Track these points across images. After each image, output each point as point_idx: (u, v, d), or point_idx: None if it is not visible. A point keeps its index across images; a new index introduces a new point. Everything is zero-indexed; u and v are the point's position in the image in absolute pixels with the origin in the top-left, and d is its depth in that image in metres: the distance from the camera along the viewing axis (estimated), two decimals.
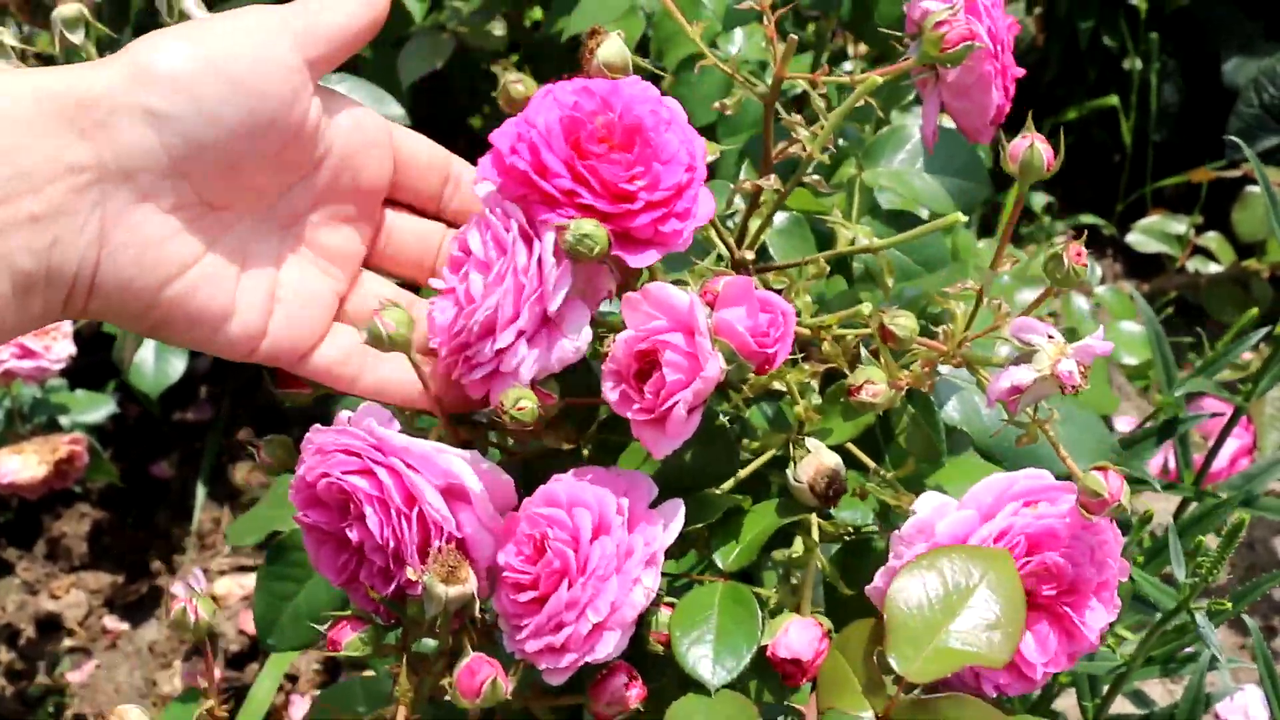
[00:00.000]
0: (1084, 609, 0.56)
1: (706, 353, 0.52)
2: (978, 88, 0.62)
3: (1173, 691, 1.48)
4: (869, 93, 0.58)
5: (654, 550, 0.54)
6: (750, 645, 0.55)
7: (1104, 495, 0.53)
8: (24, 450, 1.38)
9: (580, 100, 0.54)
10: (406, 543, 0.54)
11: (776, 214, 0.73)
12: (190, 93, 0.50)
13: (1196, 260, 1.78)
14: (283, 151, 0.54)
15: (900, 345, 0.57)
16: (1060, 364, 0.52)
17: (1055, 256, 0.56)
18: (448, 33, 1.50)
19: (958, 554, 0.52)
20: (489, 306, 0.53)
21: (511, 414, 0.53)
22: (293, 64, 0.53)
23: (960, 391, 0.68)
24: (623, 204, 0.53)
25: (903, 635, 0.50)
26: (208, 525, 1.69)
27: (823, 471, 0.56)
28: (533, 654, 0.54)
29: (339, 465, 0.54)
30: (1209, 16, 1.93)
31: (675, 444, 0.53)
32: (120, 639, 1.58)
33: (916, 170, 0.91)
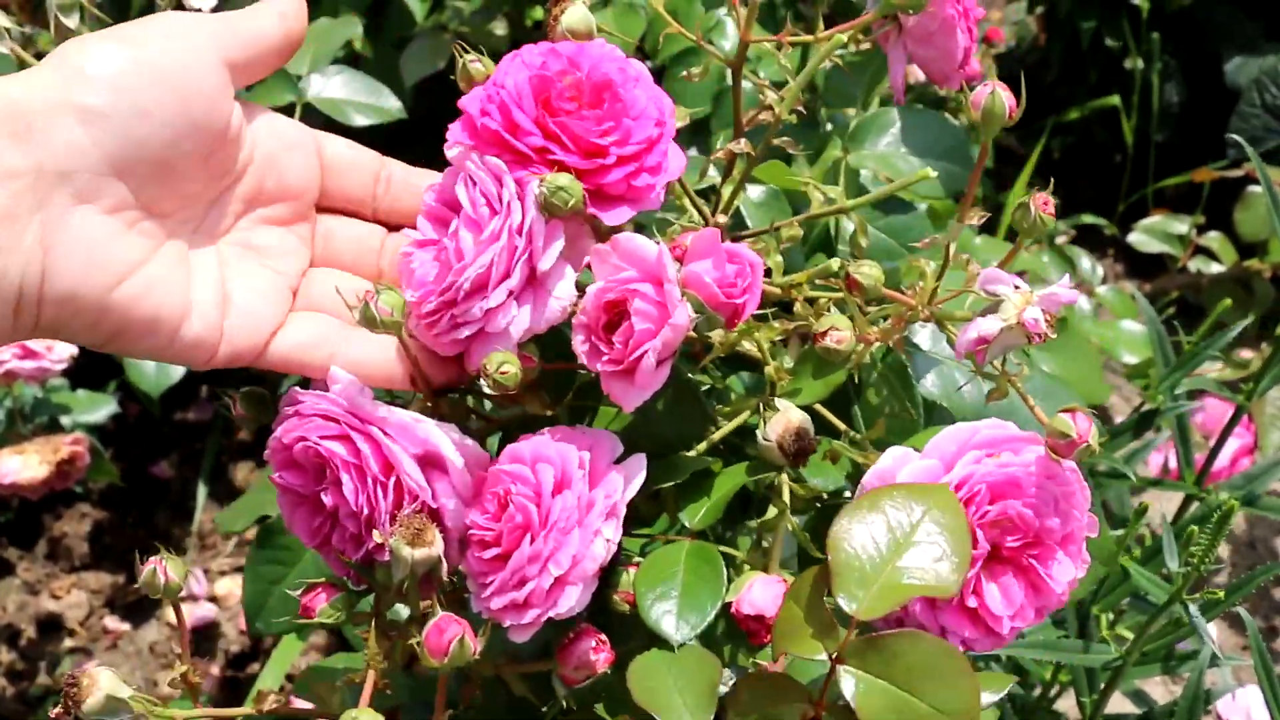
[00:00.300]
0: (1050, 561, 0.55)
1: (675, 300, 0.51)
2: (941, 32, 0.62)
3: (1174, 691, 1.48)
4: (836, 52, 0.58)
5: (615, 502, 0.54)
6: (714, 601, 0.55)
7: (1072, 436, 0.52)
8: (25, 450, 1.38)
9: (548, 60, 0.55)
10: (381, 510, 0.54)
11: (754, 188, 0.73)
12: (121, 91, 0.50)
13: (1198, 260, 1.77)
14: (211, 155, 0.54)
15: (866, 295, 0.57)
16: (1026, 312, 0.52)
17: (1023, 205, 0.56)
18: (449, 33, 1.50)
19: (899, 492, 0.52)
20: (482, 264, 0.52)
21: (495, 377, 0.52)
22: (216, 65, 0.53)
23: (939, 366, 0.68)
24: (595, 159, 0.53)
25: (849, 576, 0.49)
26: (208, 525, 1.69)
27: (790, 429, 0.56)
28: (497, 611, 0.53)
29: (317, 430, 0.54)
30: (1210, 17, 1.93)
31: (645, 395, 0.53)
32: (121, 639, 1.58)
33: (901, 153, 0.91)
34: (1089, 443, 0.52)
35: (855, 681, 0.49)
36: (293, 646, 1.39)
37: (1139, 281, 1.95)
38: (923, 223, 0.85)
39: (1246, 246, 1.76)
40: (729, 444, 0.62)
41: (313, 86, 1.10)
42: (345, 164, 0.60)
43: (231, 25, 0.55)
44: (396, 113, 1.11)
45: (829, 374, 0.59)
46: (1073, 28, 1.96)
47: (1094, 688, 0.94)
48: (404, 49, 1.51)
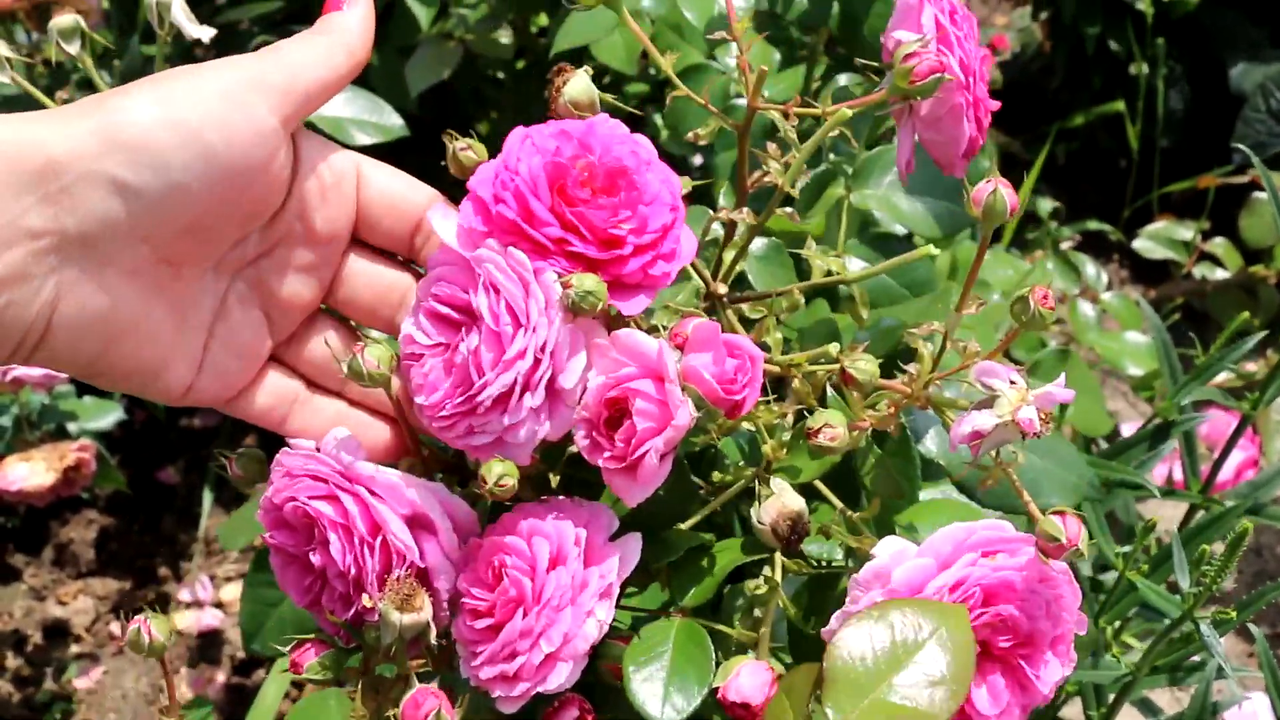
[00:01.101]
0: (1039, 663, 0.55)
1: (677, 400, 0.51)
2: (949, 119, 0.62)
3: (1180, 699, 1.48)
4: (839, 124, 0.58)
5: (609, 583, 0.54)
6: (701, 686, 0.55)
7: (1061, 540, 0.53)
8: (32, 458, 1.38)
9: (560, 145, 0.54)
10: (368, 571, 0.54)
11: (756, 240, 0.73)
12: (159, 165, 0.48)
13: (1203, 266, 1.77)
14: (250, 211, 0.53)
15: (861, 389, 0.57)
16: (1021, 411, 0.52)
17: (1021, 300, 0.55)
18: (455, 41, 1.50)
19: (910, 607, 0.52)
20: (504, 384, 0.52)
21: (493, 490, 0.52)
22: (268, 129, 0.51)
23: (938, 425, 0.68)
24: (612, 250, 0.53)
25: (841, 686, 0.49)
26: (214, 531, 1.69)
27: (785, 515, 0.56)
28: (486, 681, 0.54)
29: (305, 490, 0.55)
30: (1215, 22, 1.93)
31: (648, 491, 0.53)
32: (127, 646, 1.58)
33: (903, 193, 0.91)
34: (1078, 546, 0.52)
35: None
36: None
37: (1143, 287, 1.95)
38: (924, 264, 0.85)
39: (1252, 253, 1.76)
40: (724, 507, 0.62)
41: None
42: (384, 206, 0.57)
43: (290, 74, 0.52)
44: (399, 131, 1.11)
45: (824, 457, 0.59)
46: (1077, 34, 1.96)
47: (1102, 701, 0.94)
48: (409, 57, 1.51)
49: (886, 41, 0.62)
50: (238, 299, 0.55)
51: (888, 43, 0.62)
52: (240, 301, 0.56)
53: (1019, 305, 0.55)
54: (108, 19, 1.69)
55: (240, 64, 0.51)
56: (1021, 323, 0.55)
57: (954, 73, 0.59)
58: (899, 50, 0.58)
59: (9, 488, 1.35)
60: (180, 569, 1.66)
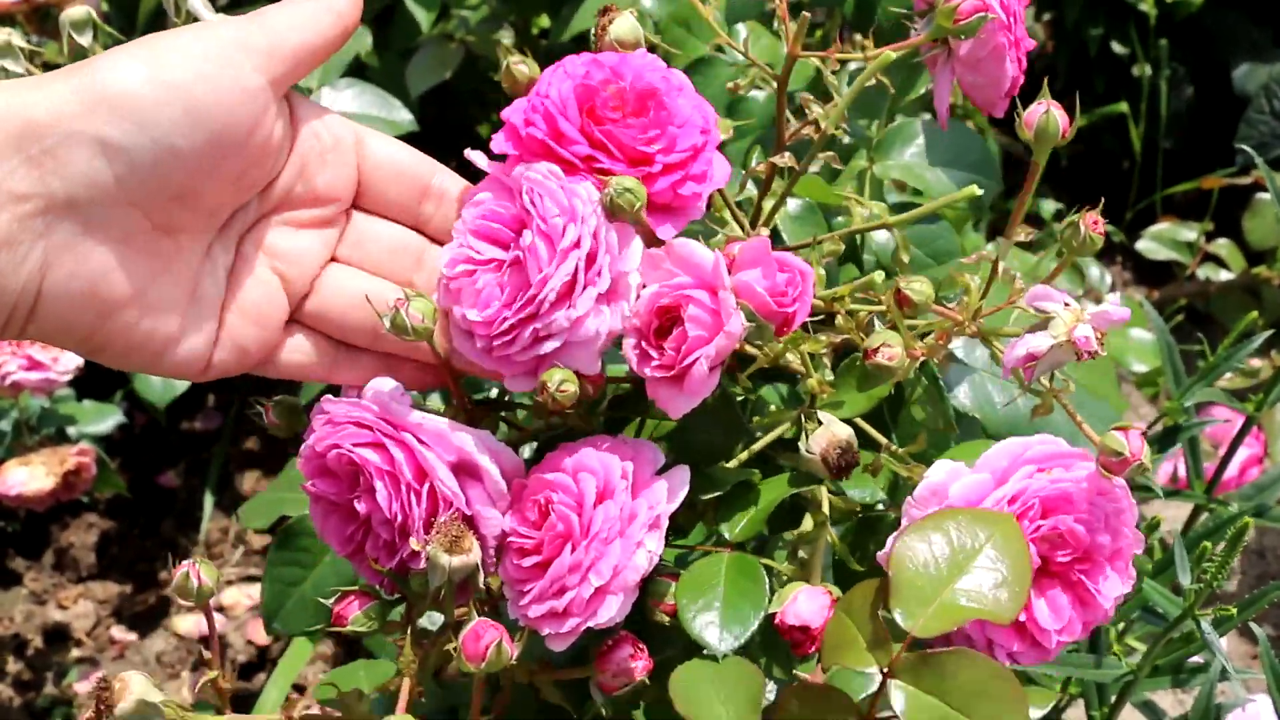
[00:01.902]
0: (1099, 577, 0.55)
1: (730, 309, 0.51)
2: (991, 60, 0.62)
3: (1184, 702, 1.47)
4: (882, 69, 0.58)
5: (658, 514, 0.54)
6: (757, 612, 0.55)
7: (1125, 454, 0.52)
8: (31, 462, 1.38)
9: (591, 70, 0.55)
10: (414, 518, 0.53)
11: (791, 201, 0.73)
12: (145, 122, 0.47)
13: (1207, 267, 1.77)
14: (243, 175, 0.52)
15: (916, 311, 0.57)
16: (1077, 329, 0.52)
17: (1073, 224, 0.56)
18: (456, 42, 1.50)
19: (963, 515, 0.52)
20: (566, 272, 0.51)
21: (555, 394, 0.52)
22: (255, 87, 0.50)
23: (971, 376, 0.68)
24: (641, 167, 0.53)
25: (908, 593, 0.50)
26: (215, 535, 1.68)
27: (835, 442, 0.56)
28: (535, 619, 0.53)
29: (350, 437, 0.54)
30: (1218, 24, 1.92)
31: (694, 402, 0.53)
32: (128, 649, 1.58)
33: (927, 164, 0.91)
34: (1142, 460, 0.52)
35: (906, 697, 0.49)
36: (299, 657, 1.38)
37: (1147, 288, 1.94)
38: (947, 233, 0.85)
39: (1255, 254, 1.76)
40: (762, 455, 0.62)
41: (323, 100, 1.09)
42: (388, 173, 0.57)
43: (277, 37, 0.51)
44: (408, 125, 1.11)
45: (873, 387, 0.58)
46: (1080, 35, 1.96)
47: (1104, 701, 0.93)
48: (410, 59, 1.51)
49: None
50: (247, 266, 0.54)
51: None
52: (250, 269, 0.55)
53: (1070, 230, 0.56)
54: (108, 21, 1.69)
55: (226, 25, 0.50)
56: (1072, 248, 0.56)
57: (996, 12, 0.59)
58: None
59: (8, 493, 1.35)
60: None
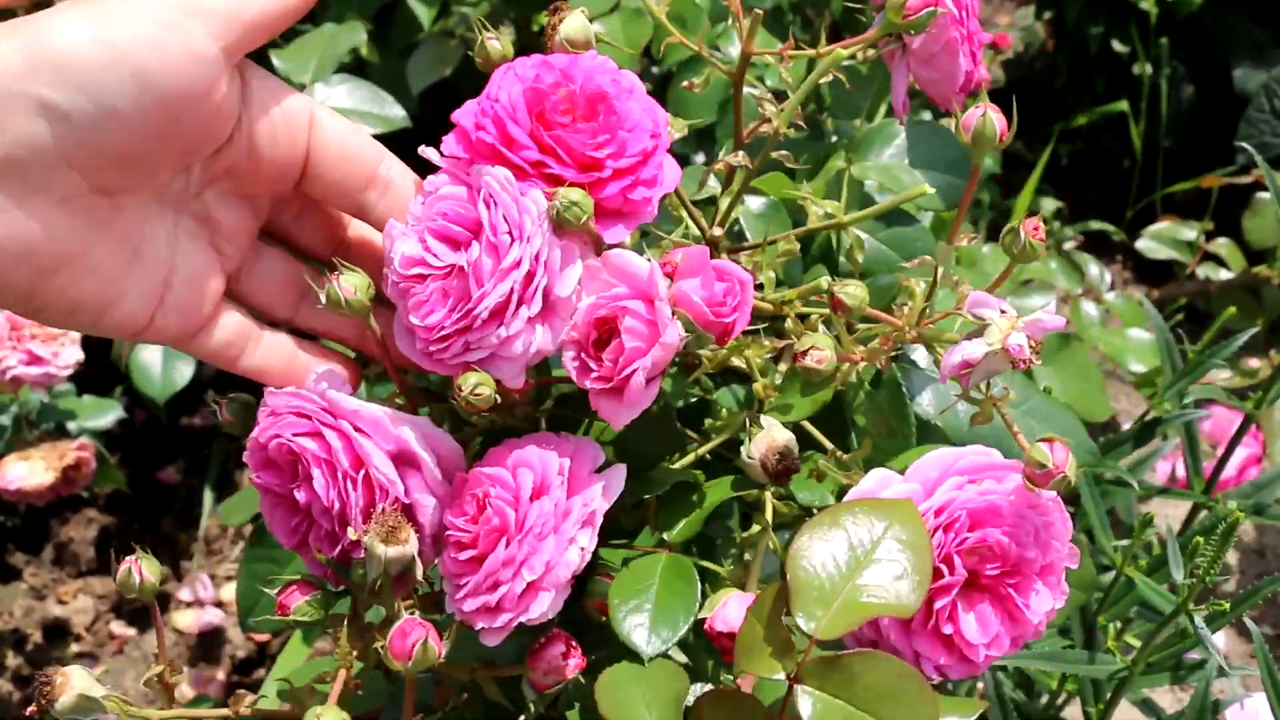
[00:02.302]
0: (1028, 591, 0.55)
1: (666, 319, 0.51)
2: (944, 54, 0.62)
3: (1182, 700, 1.48)
4: (837, 66, 0.58)
5: (591, 510, 0.54)
6: (687, 616, 0.54)
7: (1049, 466, 0.52)
8: (31, 457, 1.38)
9: (541, 73, 0.54)
10: (352, 505, 0.54)
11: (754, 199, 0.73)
12: (88, 85, 0.46)
13: (1207, 267, 1.77)
14: (188, 141, 0.50)
15: (850, 315, 0.57)
16: (1010, 337, 0.51)
17: (1012, 230, 0.55)
18: (456, 39, 1.50)
19: (860, 508, 0.51)
20: (501, 293, 0.52)
21: (468, 398, 0.52)
22: (206, 54, 0.48)
23: (934, 384, 0.68)
24: (591, 172, 0.53)
25: (807, 594, 0.49)
26: (214, 531, 1.69)
27: (774, 448, 0.55)
28: (470, 614, 0.53)
29: (290, 427, 0.54)
30: (1219, 23, 1.92)
31: (634, 413, 0.53)
32: (127, 645, 1.58)
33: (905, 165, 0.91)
34: (1065, 474, 0.52)
35: (813, 702, 0.48)
36: (298, 653, 1.39)
37: (1147, 287, 1.94)
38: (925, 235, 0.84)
39: (1255, 253, 1.76)
40: (719, 456, 0.61)
41: (317, 95, 1.09)
42: (335, 154, 0.55)
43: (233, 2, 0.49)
44: (401, 122, 1.11)
45: (815, 392, 0.58)
46: (1080, 34, 1.96)
47: (1100, 697, 0.93)
48: (410, 56, 1.51)
49: None
50: (187, 234, 0.54)
51: None
52: (191, 236, 0.54)
53: (1010, 237, 0.55)
54: None
55: None
56: (1014, 255, 0.55)
57: (946, 6, 0.59)
58: None
59: (8, 487, 1.35)
60: (181, 568, 1.66)
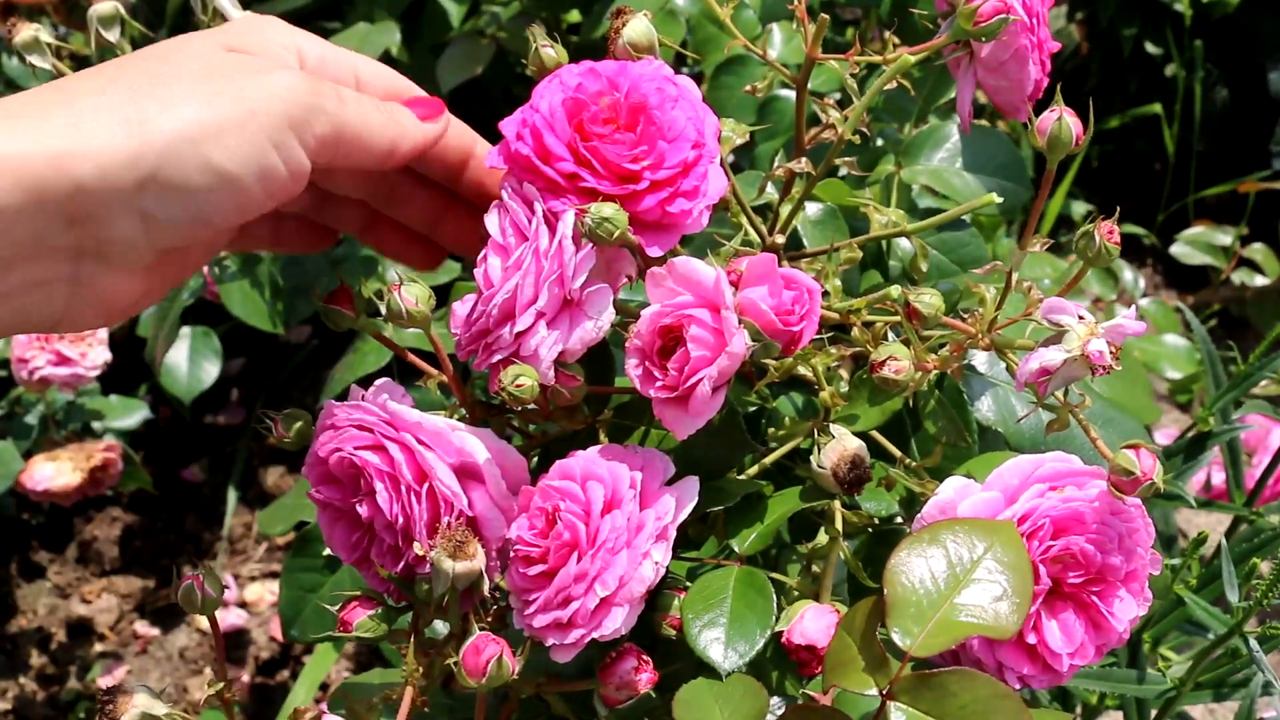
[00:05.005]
0: (1112, 599, 0.54)
1: (732, 328, 0.50)
2: (1013, 63, 0.61)
3: (1214, 711, 1.46)
4: (902, 72, 0.57)
5: (665, 525, 0.52)
6: (764, 629, 0.53)
7: (1136, 473, 0.51)
8: (58, 457, 1.38)
9: (584, 82, 0.53)
10: (416, 519, 0.53)
11: (811, 206, 0.72)
12: (190, 205, 0.46)
13: (1241, 272, 1.75)
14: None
15: (925, 324, 0.56)
16: (1090, 344, 0.50)
17: (1086, 234, 0.54)
18: (486, 38, 1.49)
19: (961, 527, 0.50)
20: (507, 290, 0.51)
21: (509, 390, 0.51)
22: (302, 171, 0.49)
23: (995, 389, 0.67)
24: (627, 185, 0.52)
25: (905, 610, 0.48)
26: (239, 530, 1.68)
27: (845, 456, 0.54)
28: (540, 629, 0.52)
29: (351, 440, 0.54)
30: (1255, 25, 1.90)
31: (698, 423, 0.52)
32: (151, 644, 1.58)
33: (956, 169, 0.90)
34: (1153, 480, 0.51)
35: (906, 719, 0.47)
36: (327, 657, 1.38)
37: (1179, 292, 1.93)
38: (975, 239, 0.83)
39: None
40: (779, 465, 0.60)
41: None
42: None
43: (339, 126, 0.50)
44: None
45: (885, 401, 0.57)
46: (1114, 35, 1.94)
47: (1144, 715, 0.92)
48: (440, 54, 1.50)
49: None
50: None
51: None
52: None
53: (1084, 240, 0.55)
54: (135, 13, 1.68)
55: (293, 89, 0.48)
56: (1088, 259, 0.54)
57: (1018, 13, 0.58)
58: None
59: (36, 488, 1.35)
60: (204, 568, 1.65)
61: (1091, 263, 0.55)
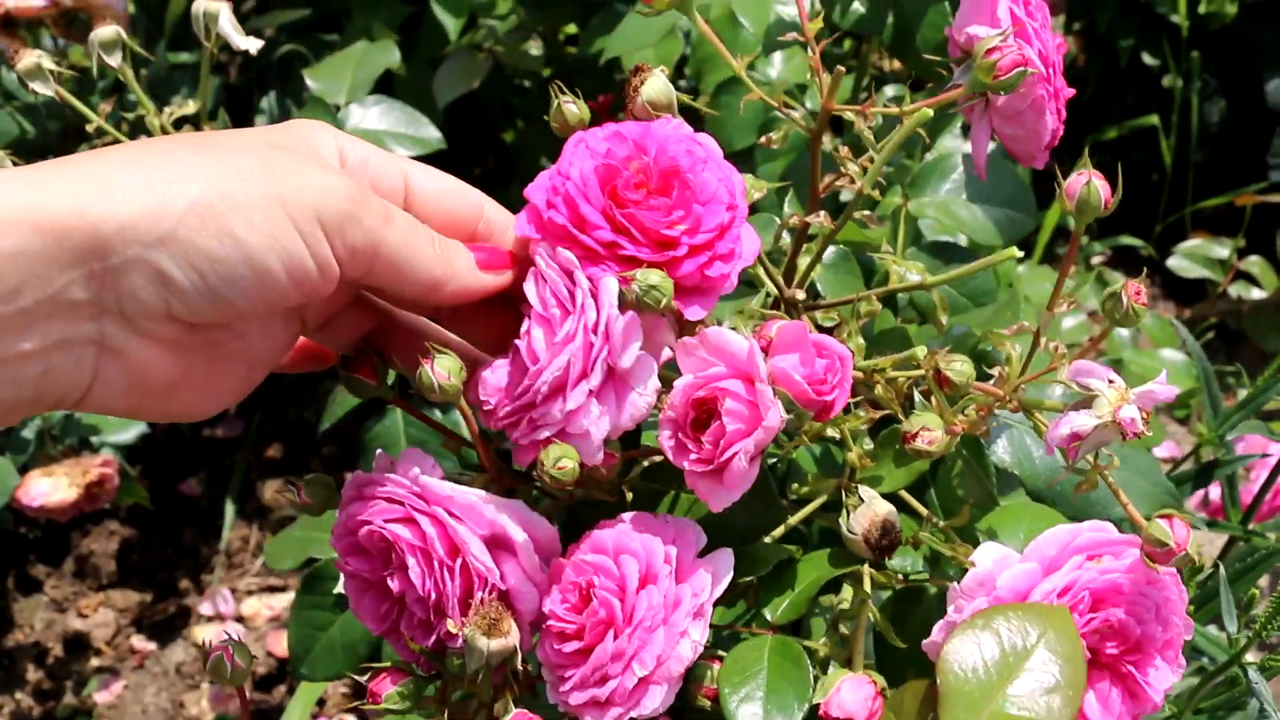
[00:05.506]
0: (1148, 668, 0.54)
1: (768, 401, 0.50)
2: (1030, 113, 0.61)
3: None
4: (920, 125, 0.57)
5: (702, 602, 0.52)
6: (801, 701, 0.53)
7: (1170, 545, 0.51)
8: (54, 473, 1.37)
9: (613, 147, 0.53)
10: (448, 595, 0.52)
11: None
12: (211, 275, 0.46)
13: (1239, 285, 1.75)
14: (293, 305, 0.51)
15: (956, 391, 0.56)
16: (1122, 410, 0.50)
17: (1114, 295, 0.54)
18: (484, 52, 1.49)
19: (1014, 612, 0.50)
20: (558, 367, 0.50)
21: (551, 473, 0.51)
22: (330, 271, 0.48)
23: (1009, 430, 0.67)
24: (666, 251, 0.51)
25: (957, 701, 0.48)
26: (236, 544, 1.68)
27: (877, 523, 0.55)
28: (577, 707, 0.52)
29: (381, 513, 0.53)
30: (1252, 36, 1.90)
31: (734, 496, 0.51)
32: (148, 659, 1.57)
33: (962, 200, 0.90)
34: (1187, 551, 0.51)
35: None
36: None
37: (1176, 304, 1.92)
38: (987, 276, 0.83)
39: None
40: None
41: (351, 117, 1.08)
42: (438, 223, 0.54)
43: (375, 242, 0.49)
44: (436, 144, 1.09)
45: (912, 462, 0.57)
46: (1111, 46, 1.94)
47: None
48: (437, 68, 1.49)
49: (957, 35, 0.61)
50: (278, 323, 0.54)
51: (958, 36, 0.61)
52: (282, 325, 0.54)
53: (1111, 301, 0.54)
54: (134, 25, 1.68)
55: (328, 189, 0.48)
56: (1114, 320, 0.54)
57: (1036, 65, 0.57)
58: (978, 45, 0.56)
59: (31, 504, 1.34)
60: (201, 582, 1.65)
61: (1118, 323, 0.55)
